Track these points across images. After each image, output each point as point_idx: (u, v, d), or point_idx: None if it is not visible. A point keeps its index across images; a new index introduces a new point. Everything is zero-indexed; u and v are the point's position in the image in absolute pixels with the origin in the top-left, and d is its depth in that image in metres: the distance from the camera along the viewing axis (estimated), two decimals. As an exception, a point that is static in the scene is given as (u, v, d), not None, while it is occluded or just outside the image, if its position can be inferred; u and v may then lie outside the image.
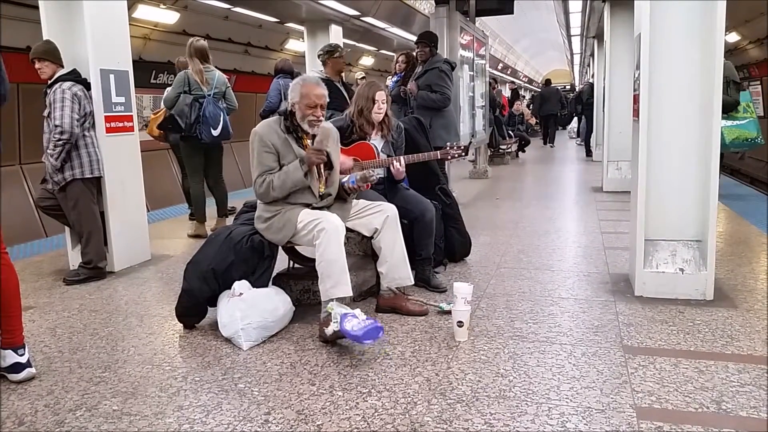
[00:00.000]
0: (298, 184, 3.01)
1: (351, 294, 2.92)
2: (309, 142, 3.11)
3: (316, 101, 3.01)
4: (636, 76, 3.48)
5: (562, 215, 6.32)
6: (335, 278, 2.86)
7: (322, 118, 3.07)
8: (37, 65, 4.01)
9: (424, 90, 5.62)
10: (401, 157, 3.60)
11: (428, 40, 5.84)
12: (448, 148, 3.74)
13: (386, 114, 3.64)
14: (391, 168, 3.57)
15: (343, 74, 5.40)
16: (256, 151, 3.04)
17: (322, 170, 3.12)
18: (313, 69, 5.67)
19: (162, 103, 5.55)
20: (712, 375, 2.43)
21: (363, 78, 8.96)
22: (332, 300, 2.85)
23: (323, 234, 2.87)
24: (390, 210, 3.21)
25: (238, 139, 6.64)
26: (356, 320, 2.64)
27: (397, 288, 3.27)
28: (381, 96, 3.59)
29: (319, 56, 5.30)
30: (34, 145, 5.69)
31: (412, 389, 2.38)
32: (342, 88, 5.16)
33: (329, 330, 2.73)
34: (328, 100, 3.12)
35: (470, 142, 5.11)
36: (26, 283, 4.05)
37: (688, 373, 2.45)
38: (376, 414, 2.20)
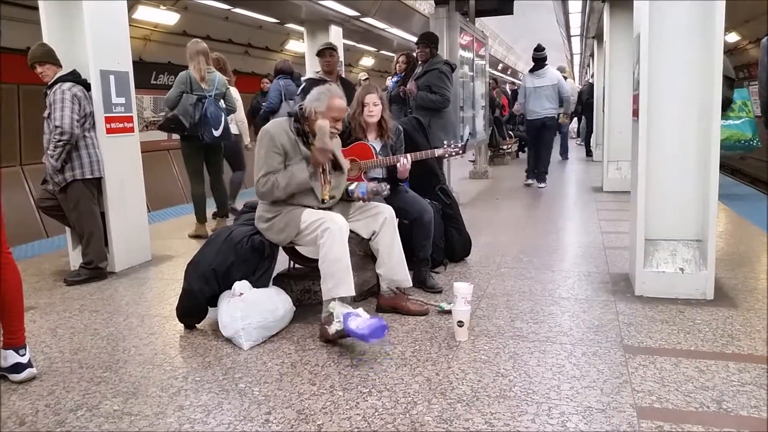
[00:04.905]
0: (303, 185, 3.01)
1: (354, 293, 2.92)
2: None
3: (340, 115, 3.04)
4: (635, 76, 3.49)
5: (562, 215, 6.33)
6: (338, 278, 2.86)
7: (339, 129, 3.12)
8: (38, 69, 4.00)
9: (424, 90, 5.62)
10: (408, 155, 3.60)
11: (429, 40, 5.84)
12: (445, 146, 3.74)
13: (383, 117, 3.64)
14: (398, 165, 3.56)
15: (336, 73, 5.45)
16: (264, 151, 3.02)
17: (328, 175, 3.12)
18: (315, 70, 5.70)
19: (164, 104, 5.56)
20: (713, 374, 2.43)
21: (366, 79, 8.97)
22: (334, 300, 2.85)
23: (327, 234, 2.87)
24: (387, 212, 3.22)
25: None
26: (360, 318, 2.64)
27: (397, 288, 3.28)
28: (371, 98, 3.58)
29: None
30: (35, 146, 5.70)
31: (413, 389, 2.38)
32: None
33: (332, 329, 2.73)
34: None
35: (467, 141, 5.10)
36: (27, 283, 4.02)
37: (689, 373, 2.45)
38: (376, 414, 2.20)
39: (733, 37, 11.99)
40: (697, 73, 3.26)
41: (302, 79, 6.16)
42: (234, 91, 5.89)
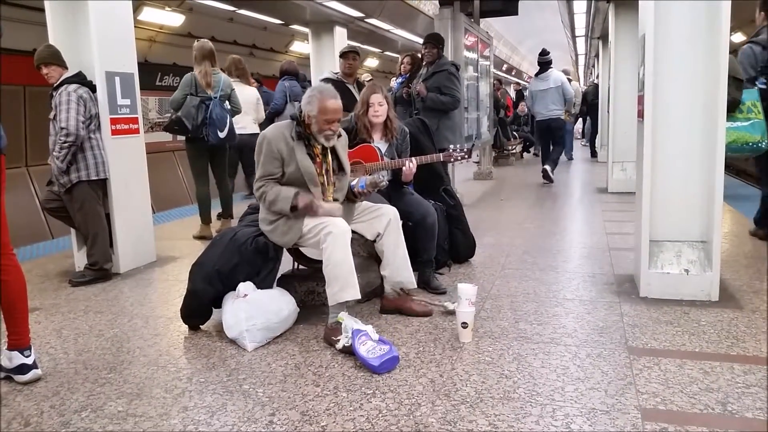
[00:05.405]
0: (282, 211, 3.00)
1: (359, 296, 2.92)
2: (319, 149, 3.08)
3: (333, 117, 2.99)
4: (640, 76, 3.48)
5: (566, 216, 6.31)
6: (342, 282, 2.86)
7: (336, 130, 3.07)
8: (44, 70, 4.02)
9: (433, 92, 5.62)
10: (414, 158, 3.59)
11: (436, 40, 5.84)
12: (451, 150, 3.73)
13: (389, 117, 3.63)
14: (404, 168, 3.56)
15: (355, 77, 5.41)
16: (263, 155, 3.03)
17: (332, 176, 3.11)
18: (331, 70, 5.66)
19: (168, 105, 5.59)
20: (718, 376, 2.42)
21: (370, 80, 8.97)
22: (341, 308, 2.86)
23: (330, 238, 2.87)
24: (392, 213, 3.21)
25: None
26: (370, 342, 2.61)
27: (401, 289, 3.27)
28: (376, 98, 3.57)
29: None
30: (41, 148, 5.74)
31: (417, 390, 2.38)
32: (355, 91, 5.15)
33: (339, 344, 2.73)
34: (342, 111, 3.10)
35: (473, 145, 5.10)
36: (32, 284, 4.06)
37: (693, 375, 2.44)
38: (380, 415, 2.20)
39: (739, 37, 11.92)
40: (702, 74, 3.25)
41: (320, 77, 6.16)
42: (254, 91, 5.95)
